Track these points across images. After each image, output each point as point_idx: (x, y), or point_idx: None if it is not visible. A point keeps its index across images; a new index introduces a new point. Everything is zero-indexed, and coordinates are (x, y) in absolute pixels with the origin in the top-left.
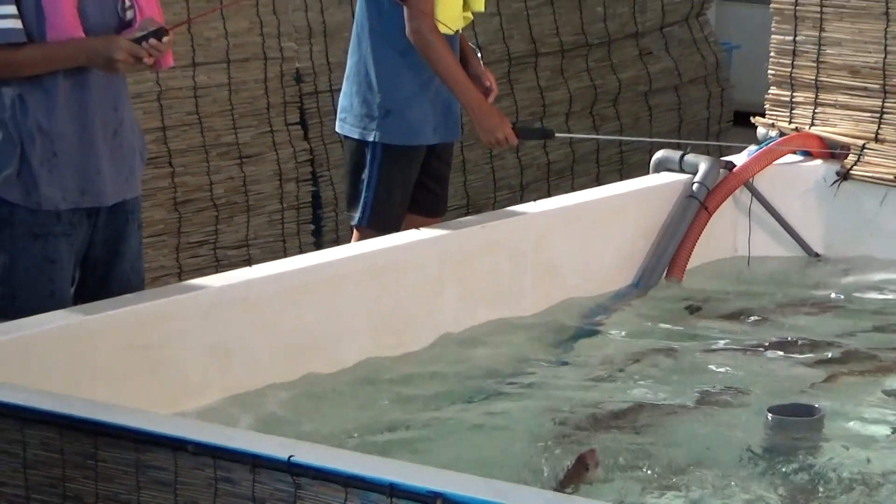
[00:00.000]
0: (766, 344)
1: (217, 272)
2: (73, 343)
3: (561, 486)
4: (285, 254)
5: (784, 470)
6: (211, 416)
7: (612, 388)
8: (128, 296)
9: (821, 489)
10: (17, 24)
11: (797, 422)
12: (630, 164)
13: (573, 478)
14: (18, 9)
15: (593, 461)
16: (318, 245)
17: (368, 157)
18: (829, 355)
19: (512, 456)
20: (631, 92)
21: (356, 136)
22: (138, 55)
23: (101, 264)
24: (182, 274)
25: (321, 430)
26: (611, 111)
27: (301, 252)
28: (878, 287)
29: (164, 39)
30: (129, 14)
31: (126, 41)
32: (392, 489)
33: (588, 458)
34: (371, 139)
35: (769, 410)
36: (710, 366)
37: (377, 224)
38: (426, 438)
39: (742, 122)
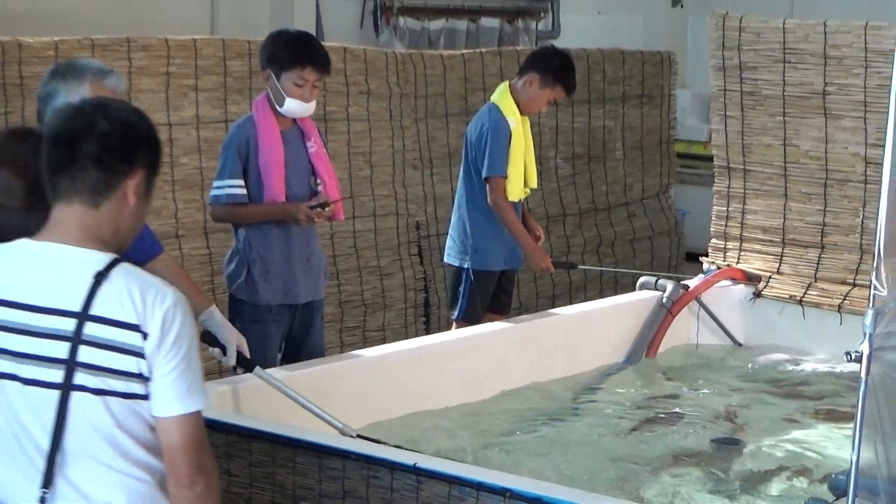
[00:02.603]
0: (711, 398)
1: (364, 348)
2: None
3: None
4: (406, 337)
5: (720, 474)
6: (364, 432)
7: (616, 418)
8: (314, 360)
9: (741, 484)
10: (243, 191)
11: (726, 448)
12: (622, 285)
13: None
14: (246, 182)
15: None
16: (428, 332)
17: (463, 277)
18: (744, 405)
19: (561, 462)
20: (622, 240)
21: (455, 264)
22: (312, 217)
23: (298, 339)
24: (343, 347)
25: (440, 448)
26: (609, 251)
27: (416, 336)
28: (776, 364)
29: (327, 209)
30: (318, 186)
31: (306, 208)
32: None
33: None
34: (465, 266)
35: (712, 440)
36: (675, 409)
37: (467, 319)
38: (509, 451)
39: (692, 259)
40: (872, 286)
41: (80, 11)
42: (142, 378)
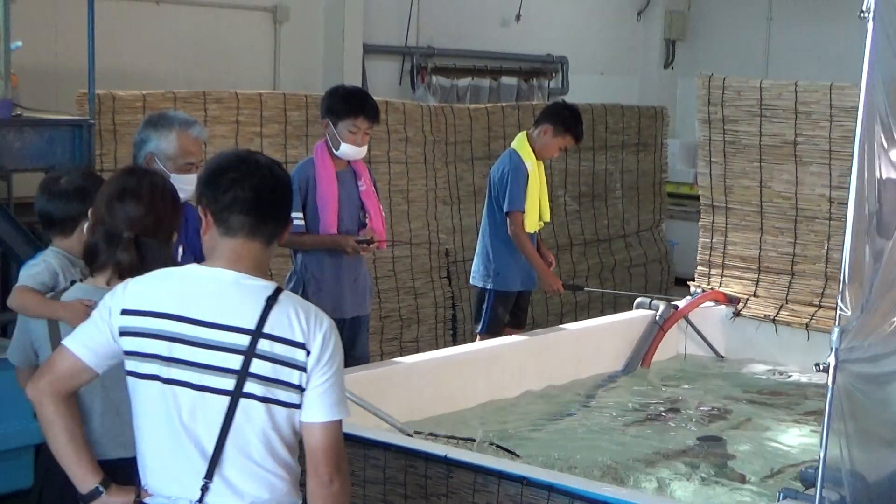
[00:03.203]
0: (696, 400)
1: (400, 356)
2: None
3: None
4: (436, 347)
5: (704, 467)
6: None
7: (616, 417)
8: (360, 366)
9: (723, 476)
10: (301, 222)
11: (710, 445)
12: (620, 305)
13: None
14: (304, 214)
15: None
16: (455, 343)
17: (486, 296)
18: (726, 408)
19: (570, 454)
20: (620, 266)
21: (480, 285)
22: (358, 249)
23: (346, 349)
24: (382, 356)
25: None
26: (610, 276)
27: (445, 347)
28: (753, 373)
29: (372, 245)
30: (366, 219)
31: (353, 241)
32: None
33: None
34: (488, 287)
35: (698, 438)
36: (666, 410)
37: (490, 333)
38: (525, 444)
39: (680, 283)
40: (838, 308)
41: (163, 69)
42: (300, 389)
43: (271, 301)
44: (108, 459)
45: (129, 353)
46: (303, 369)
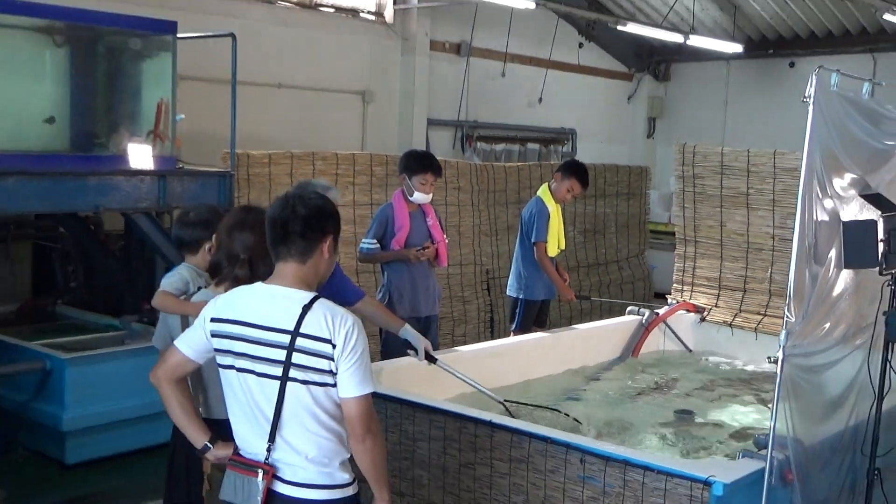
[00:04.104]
0: (673, 382)
1: (451, 346)
2: (408, 370)
3: None
4: (478, 341)
5: (680, 432)
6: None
7: (616, 390)
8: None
9: (694, 442)
10: (377, 246)
11: (684, 417)
12: (615, 312)
13: None
14: (383, 242)
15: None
16: (492, 338)
17: (518, 304)
18: (695, 388)
19: (579, 420)
20: (614, 283)
21: (514, 296)
22: (418, 256)
23: None
24: (439, 346)
25: (502, 410)
26: (607, 291)
27: (484, 341)
28: (715, 363)
29: (426, 249)
30: (430, 241)
31: (413, 250)
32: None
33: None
34: (520, 297)
35: (674, 411)
36: (650, 387)
37: (521, 330)
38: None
39: (658, 296)
40: (785, 315)
41: (283, 135)
42: (331, 373)
43: (307, 308)
44: (219, 419)
45: (216, 350)
46: (331, 358)
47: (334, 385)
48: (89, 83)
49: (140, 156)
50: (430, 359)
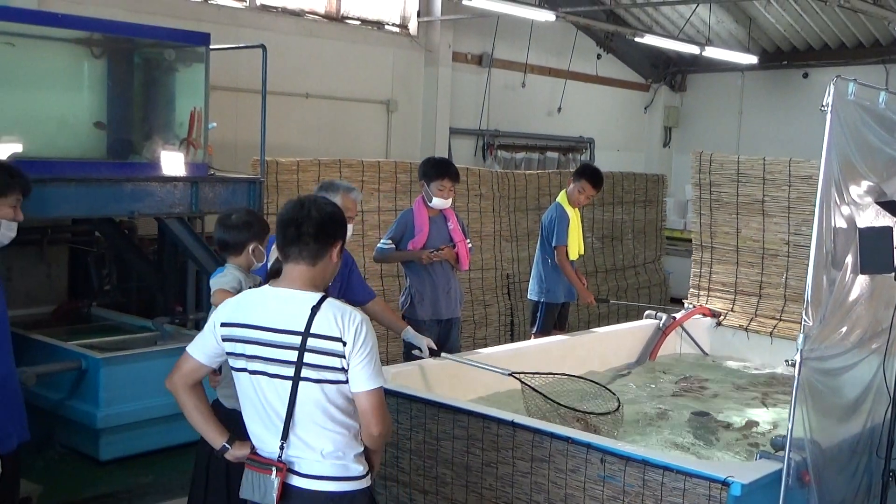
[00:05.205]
0: (691, 384)
1: (472, 349)
2: (433, 371)
3: None
4: (499, 343)
5: (698, 433)
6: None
7: (631, 395)
8: (454, 354)
9: (711, 442)
10: (392, 246)
11: (702, 418)
12: (633, 315)
13: None
14: (401, 245)
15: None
16: (512, 341)
17: (539, 307)
18: (712, 391)
19: (598, 421)
20: (632, 288)
21: (535, 299)
22: (430, 258)
23: (443, 341)
24: (461, 348)
25: (519, 408)
26: (625, 295)
27: (505, 343)
28: (730, 367)
29: (441, 251)
30: (451, 243)
31: (426, 252)
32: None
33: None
34: (541, 300)
35: (692, 413)
36: (669, 389)
37: (542, 333)
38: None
39: (675, 302)
40: (803, 319)
41: (311, 143)
42: (343, 370)
43: (315, 309)
44: (240, 411)
45: (228, 354)
46: (342, 356)
47: (346, 381)
48: (126, 93)
49: (173, 163)
50: (434, 353)
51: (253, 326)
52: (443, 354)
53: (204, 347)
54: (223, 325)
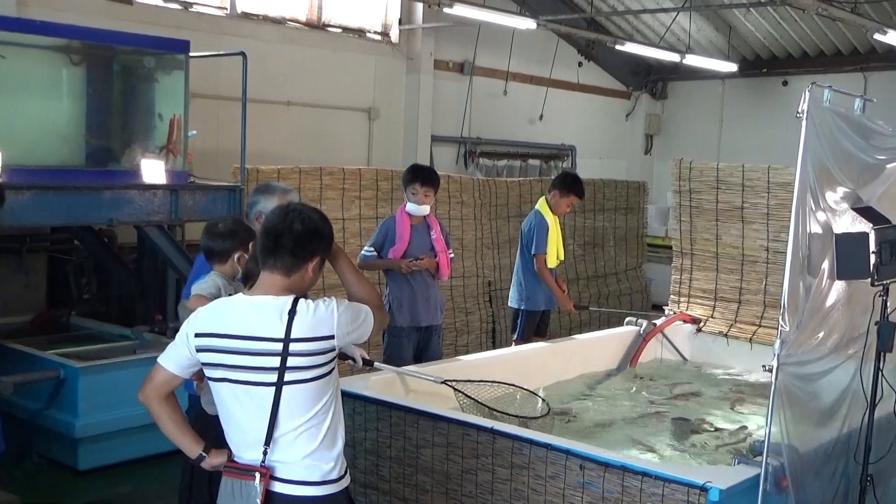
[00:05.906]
0: (671, 390)
1: (454, 356)
2: (415, 381)
3: None
4: (480, 350)
5: (678, 439)
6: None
7: (611, 402)
8: (432, 361)
9: (691, 447)
10: (374, 254)
11: (683, 424)
12: (614, 321)
13: None
14: (382, 252)
15: None
16: (494, 348)
17: (520, 314)
18: (692, 397)
19: (578, 427)
20: (613, 294)
21: (515, 306)
22: (410, 267)
23: (423, 348)
24: (442, 355)
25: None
26: (606, 302)
27: (486, 350)
28: (711, 373)
29: (420, 261)
30: (432, 252)
31: (405, 261)
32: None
33: None
34: (522, 308)
35: (672, 419)
36: (649, 393)
37: (522, 340)
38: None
39: (655, 308)
40: (780, 325)
41: (291, 150)
42: (332, 351)
43: (292, 313)
44: None
45: (204, 364)
46: (332, 350)
47: (333, 369)
48: (105, 100)
49: (153, 170)
50: (367, 363)
51: (230, 336)
52: (375, 364)
53: (176, 358)
54: (197, 335)
